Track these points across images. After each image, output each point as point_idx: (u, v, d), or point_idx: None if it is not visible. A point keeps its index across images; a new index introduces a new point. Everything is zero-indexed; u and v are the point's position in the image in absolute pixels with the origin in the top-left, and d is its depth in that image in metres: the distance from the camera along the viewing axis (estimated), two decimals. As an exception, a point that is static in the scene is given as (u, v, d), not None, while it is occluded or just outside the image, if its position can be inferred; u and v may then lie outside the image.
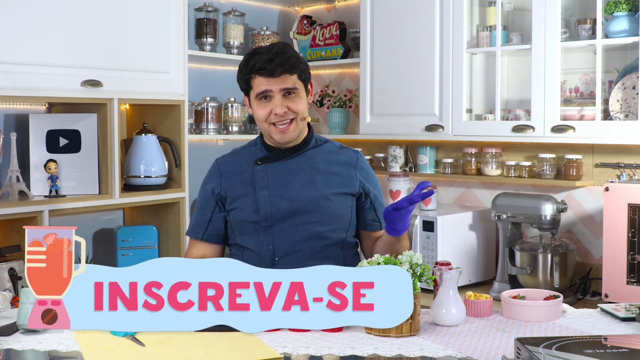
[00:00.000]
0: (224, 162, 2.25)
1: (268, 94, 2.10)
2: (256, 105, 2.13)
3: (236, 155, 2.25)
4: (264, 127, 2.14)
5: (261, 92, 2.10)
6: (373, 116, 3.50)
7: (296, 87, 2.11)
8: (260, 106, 2.12)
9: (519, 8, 3.20)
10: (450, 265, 1.91)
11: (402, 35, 3.35)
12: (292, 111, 2.11)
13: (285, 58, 2.09)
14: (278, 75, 2.08)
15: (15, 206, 2.68)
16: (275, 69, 2.07)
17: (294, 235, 2.13)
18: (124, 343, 1.63)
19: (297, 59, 2.13)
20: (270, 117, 2.11)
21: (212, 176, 2.24)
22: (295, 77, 2.11)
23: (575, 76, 3.11)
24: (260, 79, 2.10)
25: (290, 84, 2.10)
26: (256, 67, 2.09)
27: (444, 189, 3.57)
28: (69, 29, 2.78)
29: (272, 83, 2.09)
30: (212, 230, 2.22)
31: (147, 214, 3.33)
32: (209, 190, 2.23)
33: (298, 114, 2.12)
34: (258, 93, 2.11)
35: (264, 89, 2.09)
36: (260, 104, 2.12)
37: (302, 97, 2.14)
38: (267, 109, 2.10)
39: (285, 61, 2.09)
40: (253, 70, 2.10)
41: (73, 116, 2.96)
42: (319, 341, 1.65)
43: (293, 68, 2.10)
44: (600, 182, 3.04)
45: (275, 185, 2.15)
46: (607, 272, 2.60)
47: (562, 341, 1.45)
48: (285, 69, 2.08)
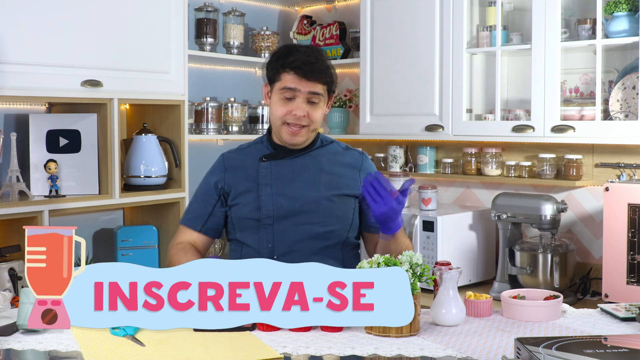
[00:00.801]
0: (230, 157, 2.25)
1: (295, 94, 2.09)
2: (277, 99, 2.12)
3: (242, 151, 2.26)
4: (277, 123, 2.14)
5: (288, 89, 2.09)
6: (373, 116, 3.50)
7: (321, 94, 2.12)
8: (280, 103, 2.11)
9: (519, 8, 3.20)
10: (450, 265, 1.91)
11: (402, 35, 3.35)
12: (310, 118, 2.11)
13: (324, 67, 2.11)
14: (310, 79, 2.08)
15: (15, 206, 2.68)
16: (312, 74, 2.08)
17: (295, 234, 2.14)
18: (124, 343, 1.63)
19: (332, 71, 2.15)
20: (287, 116, 2.10)
21: (217, 170, 2.24)
22: (325, 86, 2.13)
23: (575, 76, 3.11)
24: (292, 77, 2.09)
25: (318, 89, 2.10)
26: (294, 64, 2.08)
27: (444, 189, 3.57)
28: (69, 29, 2.78)
29: (303, 84, 2.09)
30: (212, 224, 2.22)
31: (147, 214, 3.33)
32: (212, 183, 2.22)
33: (313, 122, 2.13)
34: (284, 87, 2.10)
35: (293, 87, 2.09)
36: (281, 101, 2.11)
37: (322, 106, 2.15)
38: (287, 107, 2.10)
39: (323, 69, 2.10)
40: (290, 65, 2.09)
41: (73, 116, 2.96)
42: (319, 341, 1.65)
43: (327, 77, 2.12)
44: (600, 182, 3.04)
45: (278, 184, 2.15)
46: (607, 272, 2.60)
47: (562, 341, 1.45)
48: (320, 77, 2.10)
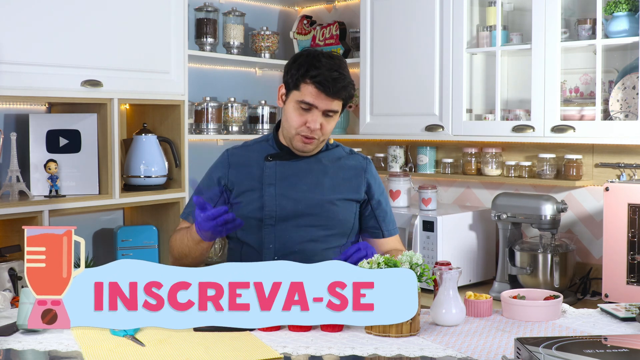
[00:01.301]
0: (235, 153, 2.24)
1: (312, 108, 2.08)
2: (292, 108, 2.10)
3: (247, 148, 2.25)
4: (290, 131, 2.12)
5: (306, 103, 2.07)
6: (373, 116, 3.50)
7: (337, 111, 2.12)
8: (297, 113, 2.09)
9: (519, 8, 3.20)
10: (450, 265, 1.91)
11: (402, 35, 3.35)
12: (323, 132, 2.11)
13: (346, 83, 2.08)
14: (331, 96, 2.06)
15: (15, 206, 2.68)
16: (336, 93, 2.06)
17: (296, 236, 2.13)
18: (124, 343, 1.63)
19: (353, 86, 2.13)
20: (302, 128, 2.09)
21: (220, 166, 2.23)
22: (342, 102, 2.12)
23: (575, 76, 3.11)
24: (313, 90, 2.06)
25: (335, 106, 2.10)
26: (318, 79, 2.04)
27: (444, 189, 3.57)
28: (69, 29, 2.77)
29: (321, 101, 2.06)
30: None
31: (147, 214, 3.33)
32: (215, 178, 2.22)
33: (325, 135, 2.13)
34: (302, 101, 2.07)
35: (311, 102, 2.06)
36: (298, 111, 2.09)
37: (336, 119, 2.14)
38: (303, 118, 2.09)
39: (345, 86, 2.08)
40: (313, 79, 2.05)
41: (73, 116, 2.96)
42: (319, 341, 1.65)
43: (346, 94, 2.10)
44: (600, 182, 3.04)
45: (282, 184, 2.15)
46: (607, 272, 2.60)
47: (562, 341, 1.45)
48: (341, 95, 2.08)
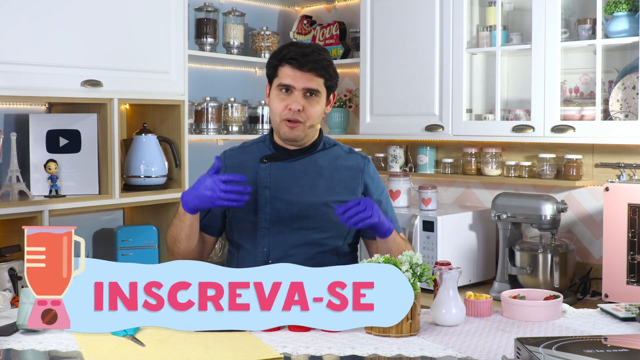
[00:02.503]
0: (231, 155, 2.24)
1: (290, 88, 2.08)
2: (274, 95, 2.12)
3: (244, 150, 2.24)
4: (275, 119, 2.13)
5: (284, 84, 2.08)
6: (373, 116, 3.50)
7: (318, 91, 2.10)
8: (278, 98, 2.10)
9: (519, 8, 3.20)
10: (450, 265, 1.91)
11: (402, 35, 3.35)
12: (306, 114, 2.09)
13: (319, 57, 2.09)
14: (306, 71, 2.07)
15: (15, 206, 2.68)
16: (306, 64, 2.06)
17: (290, 239, 2.12)
18: (124, 343, 1.63)
19: (330, 64, 2.12)
20: (284, 112, 2.09)
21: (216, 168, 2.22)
22: (321, 80, 2.10)
23: (575, 76, 3.11)
24: (287, 70, 2.08)
25: (314, 85, 2.09)
26: (288, 56, 2.08)
27: (444, 189, 3.57)
28: (69, 29, 2.77)
29: (298, 79, 2.07)
30: (208, 221, 2.20)
31: (147, 214, 3.33)
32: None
33: (309, 118, 2.10)
34: (280, 84, 2.09)
35: (288, 83, 2.08)
36: (279, 96, 2.10)
37: (321, 103, 2.12)
38: (284, 102, 2.09)
39: (318, 60, 2.08)
40: (285, 58, 2.08)
41: (73, 116, 2.96)
42: (319, 341, 1.65)
43: (322, 70, 2.09)
44: (600, 182, 3.04)
45: (277, 187, 2.13)
46: (607, 272, 2.60)
47: (562, 341, 1.45)
48: (315, 68, 2.08)
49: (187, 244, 2.10)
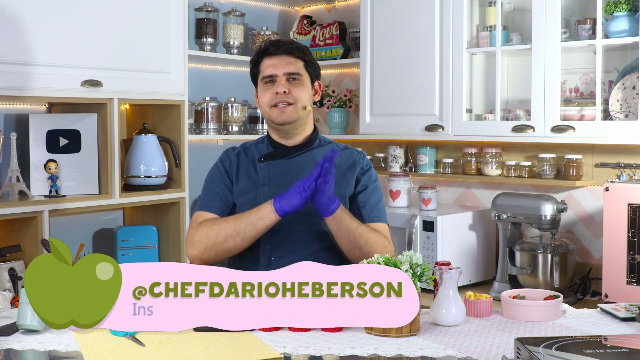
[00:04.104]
0: (234, 153, 2.26)
1: (273, 78, 2.14)
2: (261, 90, 2.18)
3: (245, 150, 2.27)
4: (265, 110, 2.16)
5: (267, 76, 2.14)
6: (373, 116, 3.50)
7: (300, 74, 2.16)
8: (264, 90, 2.16)
9: (519, 8, 3.20)
10: (450, 265, 1.90)
11: (402, 35, 3.35)
12: (294, 96, 2.14)
13: (292, 43, 2.19)
14: (282, 54, 2.14)
15: (15, 206, 2.68)
16: (281, 46, 2.15)
17: (292, 236, 2.13)
18: (124, 343, 1.63)
19: (306, 50, 2.20)
20: (272, 98, 2.13)
21: (225, 162, 2.24)
22: (300, 64, 2.17)
23: (575, 76, 3.11)
24: (267, 61, 2.16)
25: (294, 68, 2.15)
26: (263, 48, 2.18)
27: (444, 189, 3.57)
28: (69, 29, 2.78)
29: (277, 65, 2.14)
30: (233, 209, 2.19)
31: (147, 214, 3.33)
32: (223, 171, 2.22)
33: (298, 100, 2.14)
34: (264, 76, 2.15)
35: (270, 73, 2.14)
36: (264, 88, 2.16)
37: (306, 86, 2.18)
38: (270, 91, 2.14)
39: (291, 45, 2.17)
40: (261, 52, 2.18)
41: (73, 116, 2.96)
42: (319, 341, 1.65)
43: (298, 51, 2.17)
44: (600, 182, 3.04)
45: (276, 184, 2.15)
46: (607, 272, 2.60)
47: (562, 341, 1.45)
48: (290, 49, 2.15)
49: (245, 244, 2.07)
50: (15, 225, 2.75)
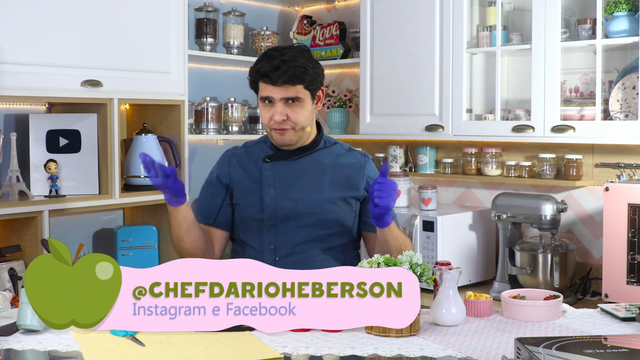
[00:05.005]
0: (235, 154, 2.27)
1: (271, 99, 2.11)
2: (261, 107, 2.16)
3: (247, 150, 2.27)
4: (266, 129, 2.17)
5: (264, 97, 2.12)
6: (373, 116, 3.50)
7: (299, 97, 2.10)
8: (263, 109, 2.14)
9: (519, 8, 3.20)
10: (450, 265, 1.91)
11: (402, 35, 3.35)
12: (293, 121, 2.11)
13: (290, 67, 2.06)
14: (280, 85, 2.07)
15: (15, 206, 2.68)
16: (278, 79, 2.06)
17: (296, 236, 2.14)
18: (124, 343, 1.63)
19: (305, 69, 2.08)
20: (270, 122, 2.12)
21: (222, 165, 2.25)
22: (300, 87, 2.09)
23: (575, 76, 3.11)
24: (263, 85, 2.11)
25: (292, 93, 2.09)
26: (261, 72, 2.09)
27: (444, 189, 3.57)
28: (69, 29, 2.77)
29: (274, 91, 2.09)
30: (223, 217, 2.23)
31: (147, 214, 3.33)
32: (218, 178, 2.24)
33: (296, 124, 2.12)
34: (262, 97, 2.13)
35: (267, 95, 2.11)
36: (263, 107, 2.14)
37: (305, 107, 2.12)
38: (269, 113, 2.12)
39: (289, 71, 2.05)
40: (258, 74, 2.11)
41: (73, 116, 2.96)
42: (319, 341, 1.65)
43: (296, 79, 2.07)
44: (600, 182, 3.04)
45: (281, 185, 2.15)
46: (607, 272, 2.60)
47: (562, 341, 1.45)
48: (287, 80, 2.06)
49: (189, 239, 2.11)
50: (15, 225, 2.75)
